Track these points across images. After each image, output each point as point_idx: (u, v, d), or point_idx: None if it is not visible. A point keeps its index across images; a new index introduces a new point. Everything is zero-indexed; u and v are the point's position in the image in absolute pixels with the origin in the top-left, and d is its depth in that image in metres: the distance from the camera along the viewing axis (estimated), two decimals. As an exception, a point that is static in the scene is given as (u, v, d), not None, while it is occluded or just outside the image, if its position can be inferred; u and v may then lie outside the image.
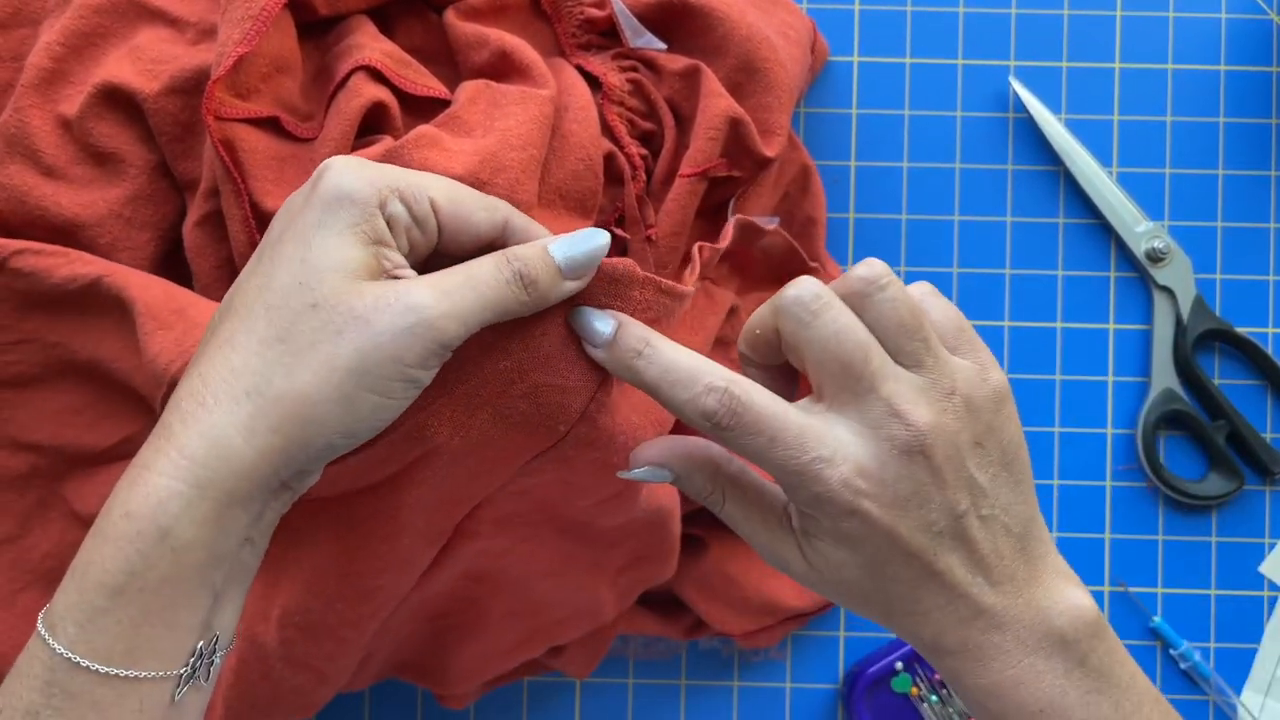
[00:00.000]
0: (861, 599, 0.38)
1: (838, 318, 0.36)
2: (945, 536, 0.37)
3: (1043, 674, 0.38)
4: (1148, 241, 0.60)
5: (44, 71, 0.47)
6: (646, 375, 0.37)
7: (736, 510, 0.39)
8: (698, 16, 0.50)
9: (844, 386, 0.36)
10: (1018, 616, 0.38)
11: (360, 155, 0.43)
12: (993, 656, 0.38)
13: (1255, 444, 0.60)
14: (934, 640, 0.38)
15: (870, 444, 0.36)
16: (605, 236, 0.38)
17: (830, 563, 0.37)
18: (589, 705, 0.60)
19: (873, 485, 0.36)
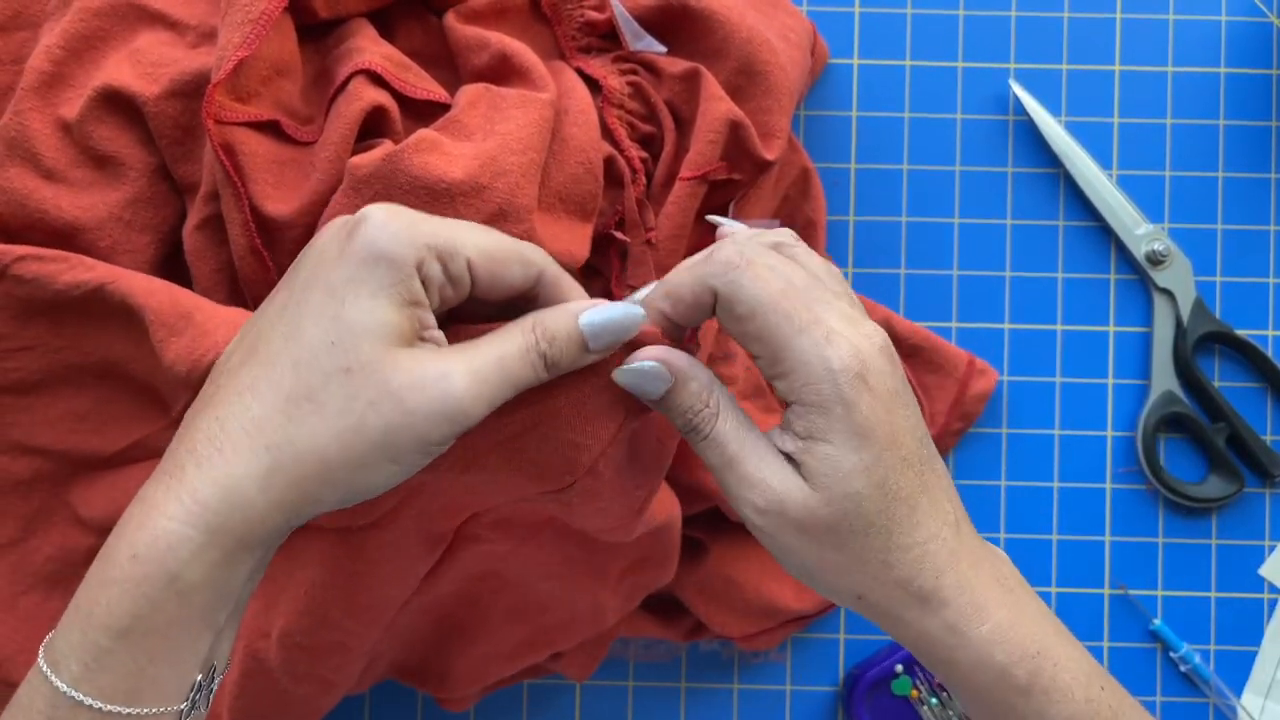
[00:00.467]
0: (863, 524, 0.36)
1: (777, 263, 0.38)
2: (924, 451, 0.38)
3: (1025, 608, 0.38)
4: (1148, 244, 0.60)
5: (44, 75, 0.47)
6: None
7: (731, 428, 0.38)
8: (698, 19, 0.50)
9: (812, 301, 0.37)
10: (981, 550, 0.39)
11: (360, 159, 0.43)
12: (987, 595, 0.38)
13: (1255, 446, 0.60)
14: (933, 584, 0.37)
15: (856, 335, 0.37)
16: (639, 315, 0.38)
17: (839, 470, 0.36)
18: (589, 707, 0.60)
19: (872, 370, 0.36)
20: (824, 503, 0.36)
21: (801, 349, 0.36)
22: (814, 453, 0.36)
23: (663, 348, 0.38)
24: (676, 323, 0.39)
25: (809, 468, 0.37)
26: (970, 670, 0.38)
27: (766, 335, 0.36)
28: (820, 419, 0.36)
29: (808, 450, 0.36)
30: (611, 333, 0.37)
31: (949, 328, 0.60)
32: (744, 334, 0.37)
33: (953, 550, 0.38)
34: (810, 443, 0.36)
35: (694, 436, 0.38)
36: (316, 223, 0.45)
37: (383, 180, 0.43)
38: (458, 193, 0.43)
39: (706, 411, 0.38)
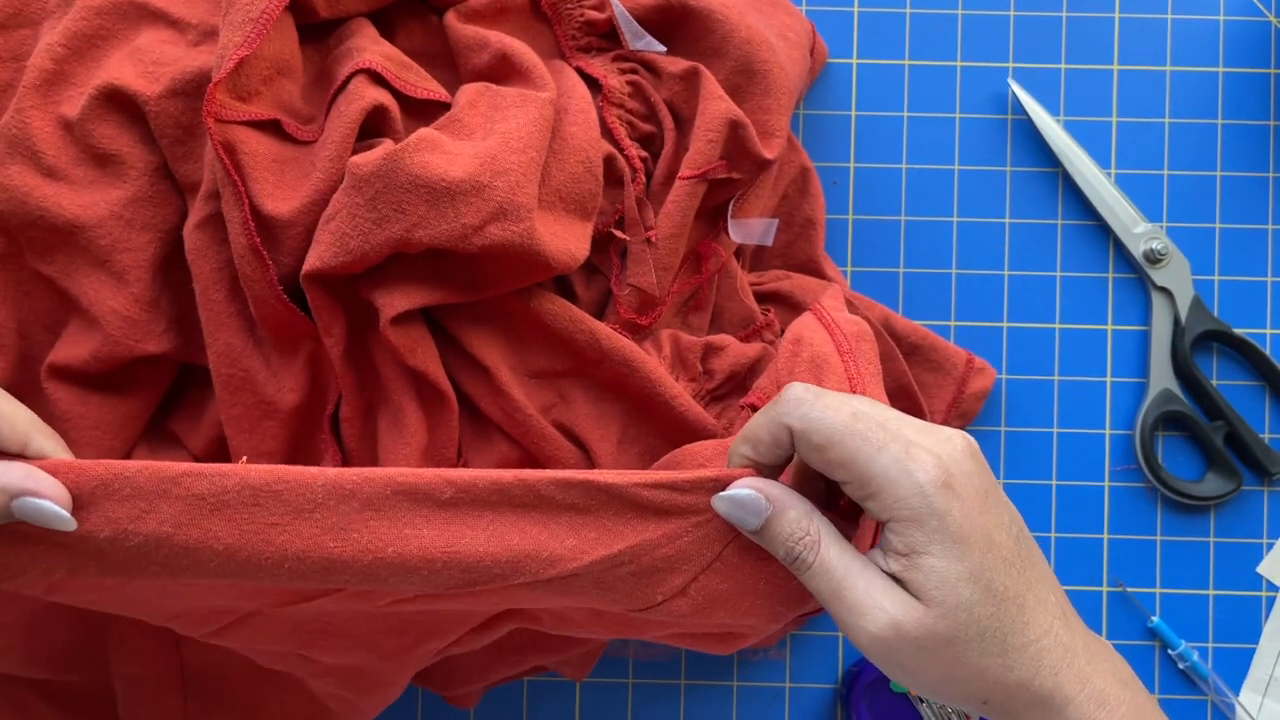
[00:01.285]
0: (978, 632, 0.37)
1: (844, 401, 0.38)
2: (1021, 547, 0.38)
3: (1144, 706, 0.39)
4: (1146, 243, 0.60)
5: (45, 73, 0.47)
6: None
7: (833, 554, 0.38)
8: (697, 19, 0.50)
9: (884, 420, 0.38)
10: (1094, 643, 0.39)
11: (361, 159, 0.43)
12: (1108, 691, 0.38)
13: (1253, 444, 0.60)
14: (1052, 683, 0.37)
15: (936, 440, 0.38)
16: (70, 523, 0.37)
17: (946, 581, 0.36)
18: (589, 705, 0.60)
19: (958, 473, 0.37)
20: (938, 616, 0.36)
21: (885, 466, 0.36)
22: (919, 567, 0.37)
23: (759, 478, 0.39)
24: (763, 464, 0.40)
25: (916, 584, 0.37)
26: None
27: (848, 460, 0.37)
28: (917, 533, 0.36)
29: (912, 566, 0.37)
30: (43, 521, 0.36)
31: (948, 326, 0.61)
32: (828, 463, 0.37)
33: (1067, 645, 0.38)
34: (913, 558, 0.37)
35: (798, 566, 0.38)
36: (317, 221, 0.45)
37: (383, 179, 0.43)
38: (458, 191, 0.43)
39: (808, 539, 0.38)
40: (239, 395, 0.47)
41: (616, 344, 0.48)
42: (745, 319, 0.54)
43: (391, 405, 0.47)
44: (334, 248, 0.44)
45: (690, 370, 0.50)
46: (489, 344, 0.48)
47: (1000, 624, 0.37)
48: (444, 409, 0.47)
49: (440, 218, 0.43)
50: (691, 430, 0.48)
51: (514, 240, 0.44)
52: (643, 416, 0.49)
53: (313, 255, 0.44)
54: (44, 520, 0.36)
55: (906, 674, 0.38)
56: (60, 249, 0.47)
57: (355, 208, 0.43)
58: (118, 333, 0.47)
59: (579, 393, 0.49)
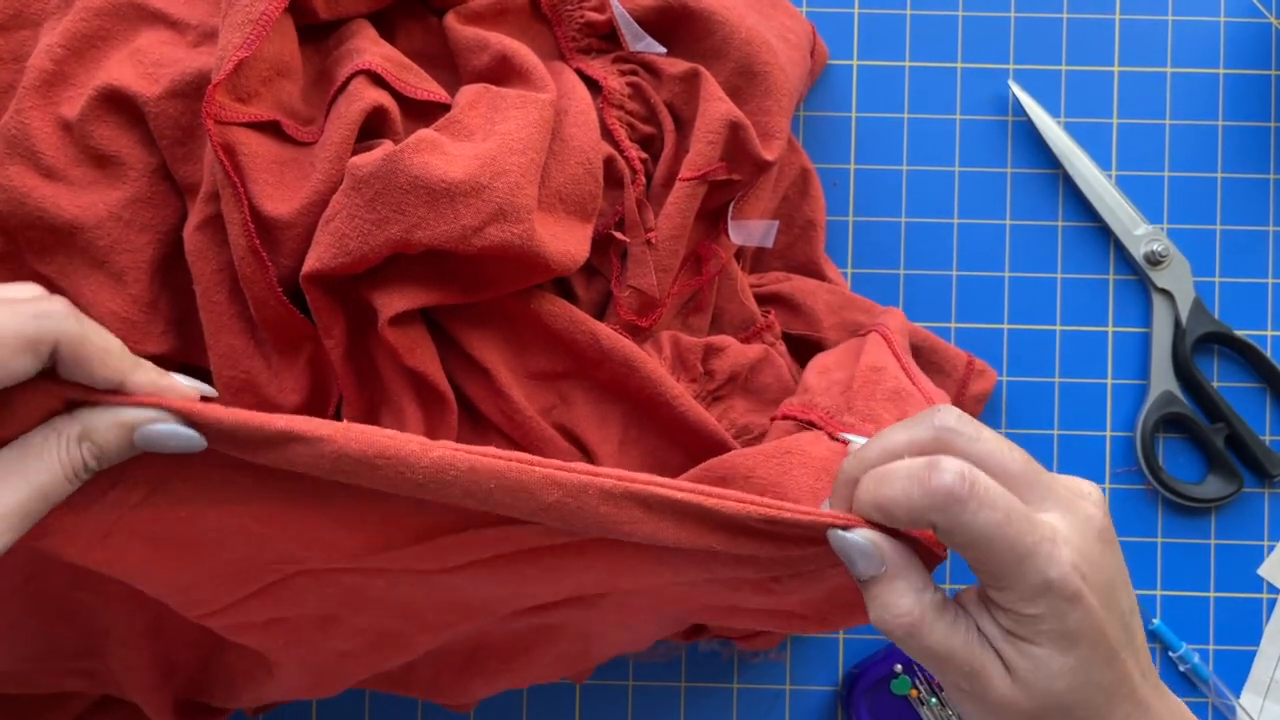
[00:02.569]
0: (1061, 715, 0.36)
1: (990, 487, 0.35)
2: (1126, 633, 0.37)
3: None
4: (1147, 244, 0.60)
5: (45, 73, 0.47)
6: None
7: (941, 633, 0.36)
8: (697, 20, 0.50)
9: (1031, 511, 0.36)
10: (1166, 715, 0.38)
11: (360, 159, 0.43)
12: None
13: (1254, 446, 0.60)
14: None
15: (1076, 524, 0.36)
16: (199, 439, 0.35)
17: (1045, 672, 0.36)
18: (589, 707, 0.60)
19: (1089, 569, 0.36)
20: (1025, 698, 0.36)
21: (1023, 573, 0.35)
22: (1021, 650, 0.36)
23: (883, 536, 0.37)
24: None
25: (1013, 663, 0.36)
26: None
27: (991, 564, 0.35)
28: (1031, 625, 0.36)
29: (1014, 647, 0.36)
30: (169, 443, 0.34)
31: (948, 328, 0.61)
32: (964, 556, 0.36)
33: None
34: (1018, 641, 0.36)
35: (885, 631, 0.37)
36: (316, 223, 0.45)
37: (383, 180, 0.43)
38: (458, 193, 0.43)
39: (905, 619, 0.37)
40: (240, 397, 0.47)
41: (617, 344, 0.48)
42: (746, 321, 0.54)
43: (392, 406, 0.47)
44: (333, 249, 0.44)
45: (691, 371, 0.50)
46: (488, 345, 0.48)
47: (1084, 712, 0.37)
48: (443, 410, 0.47)
49: (440, 219, 0.43)
50: (693, 431, 0.48)
51: (514, 241, 0.44)
52: (644, 418, 0.49)
53: (312, 256, 0.44)
54: (172, 444, 0.34)
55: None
56: (59, 250, 0.47)
57: (354, 209, 0.43)
58: (116, 334, 0.46)
59: (579, 394, 0.49)
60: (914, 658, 0.38)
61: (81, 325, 0.34)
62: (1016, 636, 0.36)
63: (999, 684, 0.36)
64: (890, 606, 0.36)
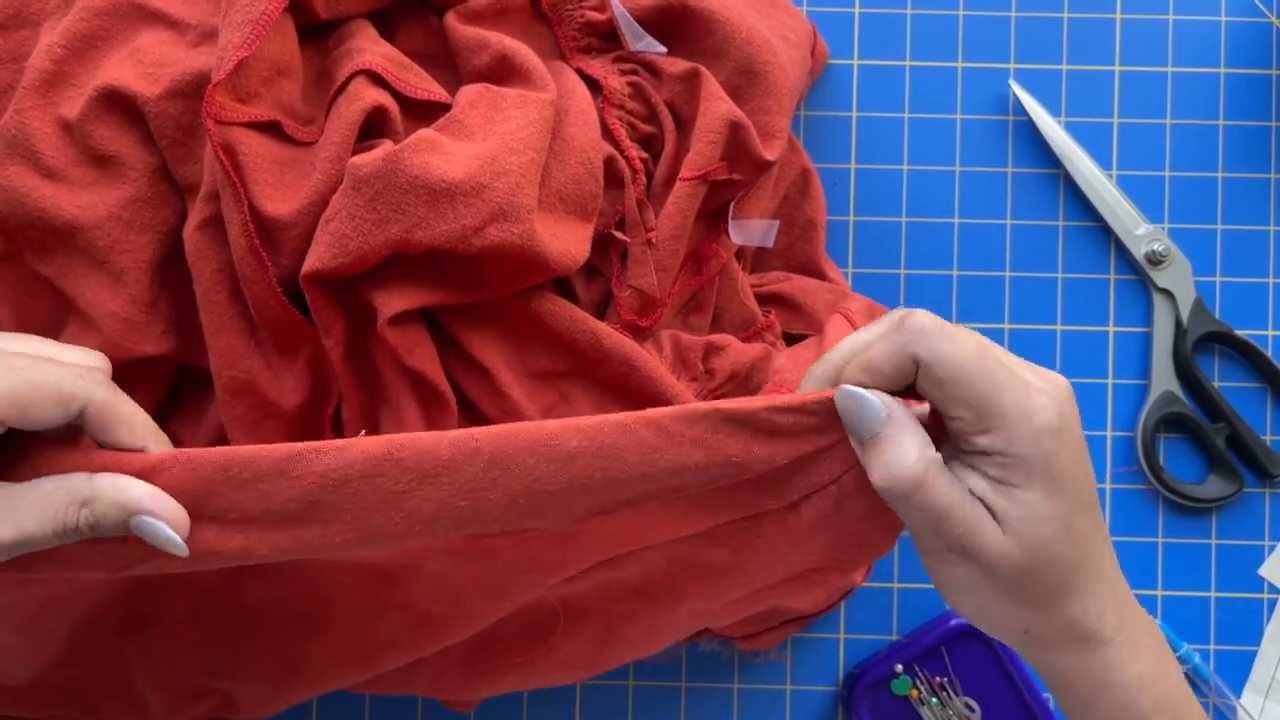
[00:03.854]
0: (1049, 569, 0.38)
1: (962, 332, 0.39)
2: (1095, 491, 0.40)
3: (1168, 662, 0.40)
4: (1147, 244, 0.60)
5: (45, 73, 0.47)
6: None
7: (944, 488, 0.38)
8: (698, 20, 0.50)
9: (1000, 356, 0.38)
10: (1134, 599, 0.41)
11: (360, 159, 0.43)
12: (1141, 641, 0.40)
13: (1255, 446, 0.60)
14: (1098, 624, 0.39)
15: (1055, 389, 0.38)
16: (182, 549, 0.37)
17: (1035, 517, 0.38)
18: (589, 707, 0.60)
19: (1066, 419, 0.38)
20: (1016, 546, 0.38)
21: (1005, 405, 0.37)
22: (1012, 498, 0.38)
23: (888, 395, 0.38)
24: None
25: (1003, 513, 0.38)
26: (1114, 710, 0.40)
27: (971, 397, 0.37)
28: (1020, 469, 0.38)
29: (1005, 495, 0.38)
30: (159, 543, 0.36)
31: (949, 328, 0.61)
32: (947, 398, 0.38)
33: (1116, 594, 0.40)
34: (1008, 489, 0.38)
35: (893, 497, 0.38)
36: (316, 223, 0.45)
37: (383, 180, 0.43)
38: (458, 192, 0.43)
39: (914, 477, 0.38)
40: (241, 397, 0.47)
41: (617, 344, 0.48)
42: (746, 320, 0.54)
43: (392, 406, 0.47)
44: (333, 249, 0.44)
45: (691, 370, 0.50)
46: (489, 345, 0.48)
47: (1067, 564, 0.38)
48: (443, 411, 0.47)
49: (440, 218, 0.43)
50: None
51: (514, 241, 0.44)
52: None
53: (312, 256, 0.44)
54: (158, 542, 0.36)
55: (966, 593, 0.40)
56: (59, 250, 0.47)
57: (354, 209, 0.43)
58: (115, 334, 0.47)
59: (580, 393, 0.49)
60: (914, 517, 0.38)
61: (113, 394, 0.37)
62: (1007, 484, 0.38)
63: (993, 537, 0.38)
64: (897, 459, 0.38)
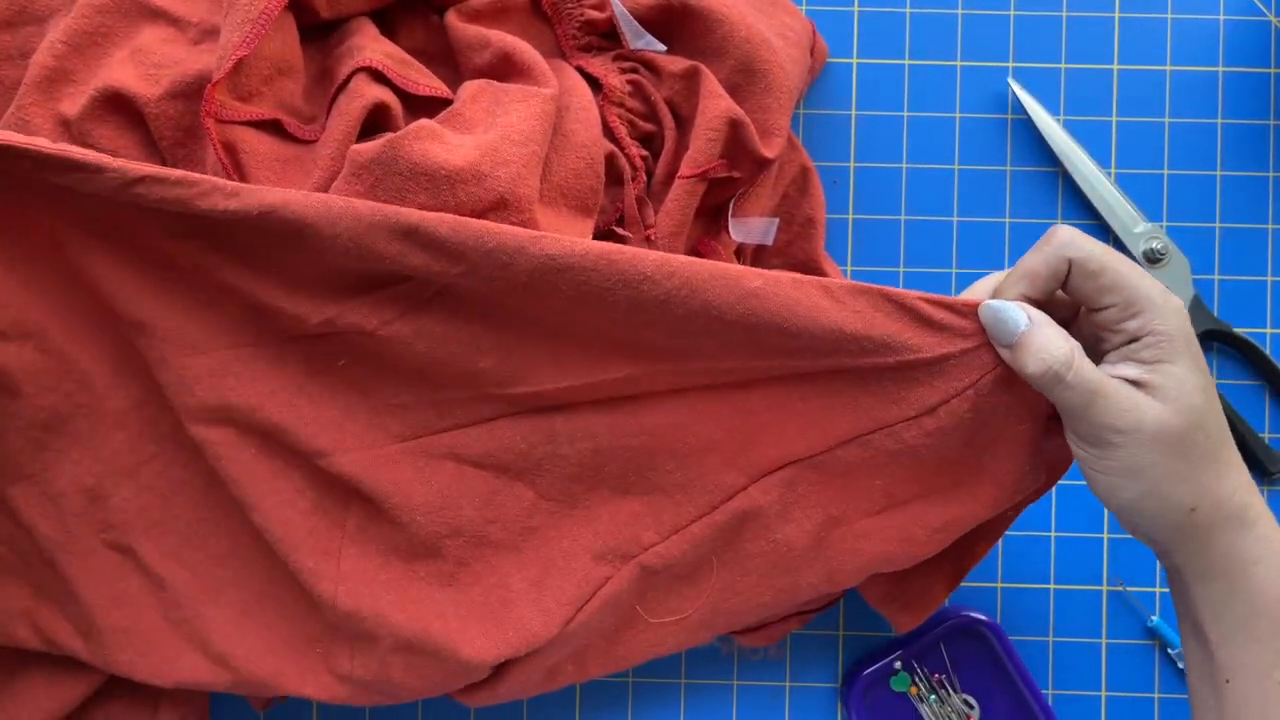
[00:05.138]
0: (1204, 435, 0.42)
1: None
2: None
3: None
4: (1146, 242, 0.60)
5: (46, 69, 0.47)
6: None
7: (1086, 368, 0.42)
8: (697, 18, 0.50)
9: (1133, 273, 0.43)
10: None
11: (361, 147, 0.43)
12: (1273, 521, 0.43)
13: (1253, 444, 0.60)
14: (1246, 499, 0.42)
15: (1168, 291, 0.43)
16: None
17: (1185, 386, 0.41)
18: (588, 703, 0.60)
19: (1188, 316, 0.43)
20: (1174, 414, 0.41)
21: (1149, 289, 0.42)
22: (1163, 373, 0.42)
23: (1023, 302, 0.43)
24: (1036, 302, 0.44)
25: (1158, 386, 0.42)
26: (1261, 586, 0.42)
27: (1120, 283, 0.42)
28: (1169, 346, 0.42)
29: (1157, 372, 0.42)
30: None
31: (948, 326, 0.61)
32: (1099, 288, 0.42)
33: (1249, 480, 0.44)
34: (1159, 365, 0.42)
35: (1051, 381, 0.42)
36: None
37: (383, 166, 0.43)
38: (458, 180, 0.43)
39: (1063, 353, 0.42)
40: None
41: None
42: (746, 318, 0.54)
43: None
44: None
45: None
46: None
47: (1219, 435, 0.43)
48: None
49: (441, 206, 0.43)
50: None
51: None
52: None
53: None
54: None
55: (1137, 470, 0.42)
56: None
57: (357, 195, 0.43)
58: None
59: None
60: (1069, 400, 0.42)
61: None
62: (1159, 361, 0.42)
63: (1151, 406, 0.41)
64: (1047, 346, 0.42)
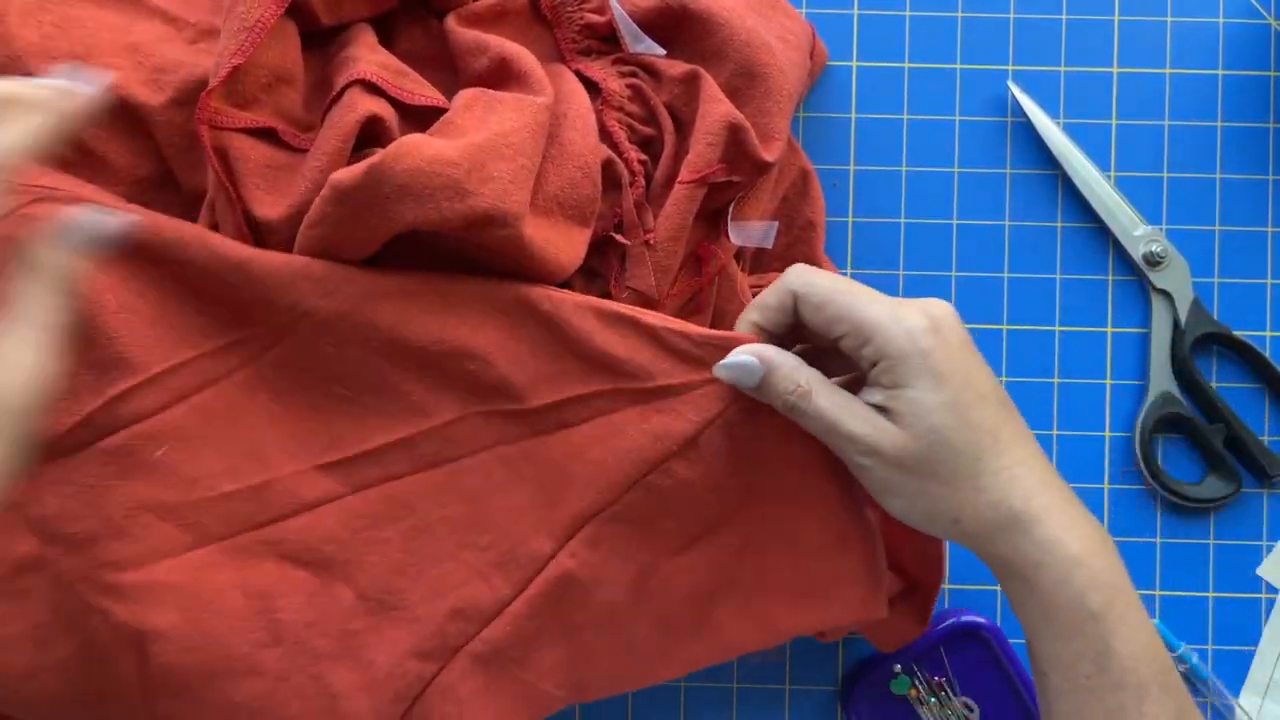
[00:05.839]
0: (951, 453, 0.42)
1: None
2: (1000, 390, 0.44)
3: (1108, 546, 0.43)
4: (1145, 245, 0.60)
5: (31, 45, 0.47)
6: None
7: (824, 399, 0.43)
8: (697, 21, 0.50)
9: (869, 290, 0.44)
10: (1070, 491, 0.44)
11: (341, 173, 0.43)
12: (1076, 522, 0.42)
13: (1253, 447, 0.60)
14: (1024, 504, 0.42)
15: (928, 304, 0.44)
16: None
17: (922, 409, 0.42)
18: (587, 707, 0.60)
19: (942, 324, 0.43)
20: (912, 438, 0.42)
21: (876, 314, 0.43)
22: (900, 398, 0.42)
23: (755, 344, 0.45)
24: (768, 330, 0.46)
25: (896, 412, 0.42)
26: (1050, 587, 0.42)
27: (844, 314, 0.43)
28: (901, 368, 0.42)
29: (894, 397, 0.42)
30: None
31: (947, 329, 0.61)
32: (827, 320, 0.44)
33: (1040, 477, 0.43)
34: (896, 390, 0.42)
35: (795, 414, 0.44)
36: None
37: (366, 192, 0.43)
38: (443, 197, 0.43)
39: (800, 390, 0.43)
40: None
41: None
42: (746, 321, 0.54)
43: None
44: (319, 255, 0.44)
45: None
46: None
47: (975, 450, 0.42)
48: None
49: (427, 223, 0.43)
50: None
51: (501, 246, 0.44)
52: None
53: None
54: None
55: (887, 490, 0.44)
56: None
57: (340, 219, 0.43)
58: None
59: None
60: (814, 431, 0.44)
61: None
62: (895, 386, 0.42)
63: (889, 432, 0.42)
64: (781, 385, 0.44)
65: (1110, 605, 0.42)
